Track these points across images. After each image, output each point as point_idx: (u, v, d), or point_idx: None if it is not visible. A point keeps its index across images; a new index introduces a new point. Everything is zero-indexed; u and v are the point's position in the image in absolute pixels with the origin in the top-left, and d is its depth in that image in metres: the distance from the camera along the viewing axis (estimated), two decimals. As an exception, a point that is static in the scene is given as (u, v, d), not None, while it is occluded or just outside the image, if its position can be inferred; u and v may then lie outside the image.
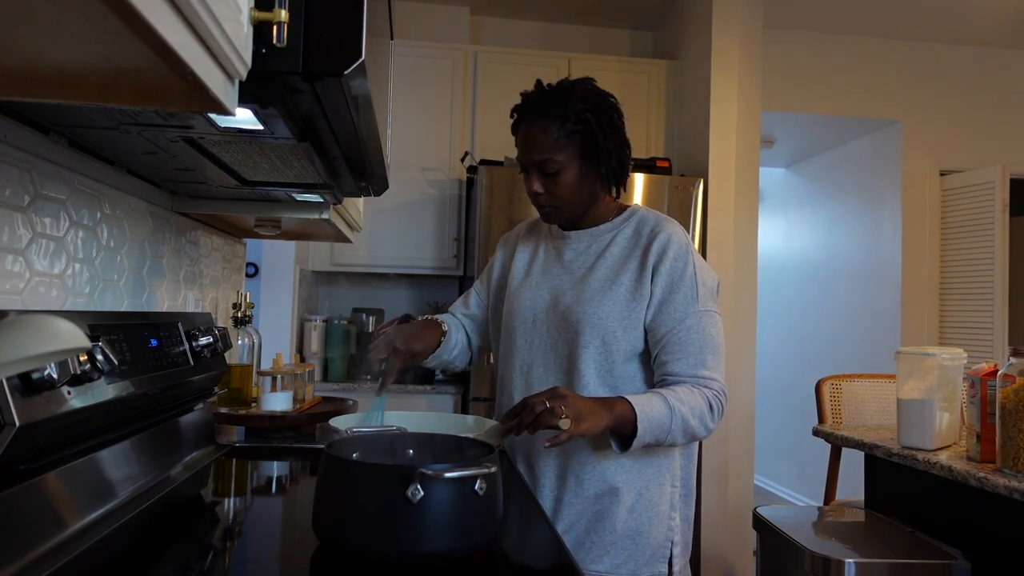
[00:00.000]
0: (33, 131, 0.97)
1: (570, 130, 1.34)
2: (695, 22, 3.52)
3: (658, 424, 1.28)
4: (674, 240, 1.39)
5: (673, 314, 1.36)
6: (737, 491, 3.26)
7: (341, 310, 3.75)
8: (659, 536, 1.40)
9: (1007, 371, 1.76)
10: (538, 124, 1.35)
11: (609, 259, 1.43)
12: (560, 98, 1.35)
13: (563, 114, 1.34)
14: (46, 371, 0.73)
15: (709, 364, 1.36)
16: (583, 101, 1.34)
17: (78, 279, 1.14)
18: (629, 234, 1.44)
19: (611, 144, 1.37)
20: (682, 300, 1.36)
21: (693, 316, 1.36)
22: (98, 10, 0.48)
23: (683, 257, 1.38)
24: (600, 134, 1.35)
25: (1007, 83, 4.35)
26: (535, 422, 1.18)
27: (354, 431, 1.32)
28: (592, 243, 1.46)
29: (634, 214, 1.47)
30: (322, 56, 0.76)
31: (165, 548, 0.96)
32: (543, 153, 1.35)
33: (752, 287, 3.33)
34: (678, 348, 1.36)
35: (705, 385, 1.35)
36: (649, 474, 1.40)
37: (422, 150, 3.50)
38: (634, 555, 1.38)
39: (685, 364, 1.35)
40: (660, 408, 1.29)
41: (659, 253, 1.38)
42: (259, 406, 1.75)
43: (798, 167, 5.47)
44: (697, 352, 1.35)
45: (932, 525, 2.08)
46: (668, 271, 1.37)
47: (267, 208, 1.54)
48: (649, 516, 1.39)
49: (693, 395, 1.32)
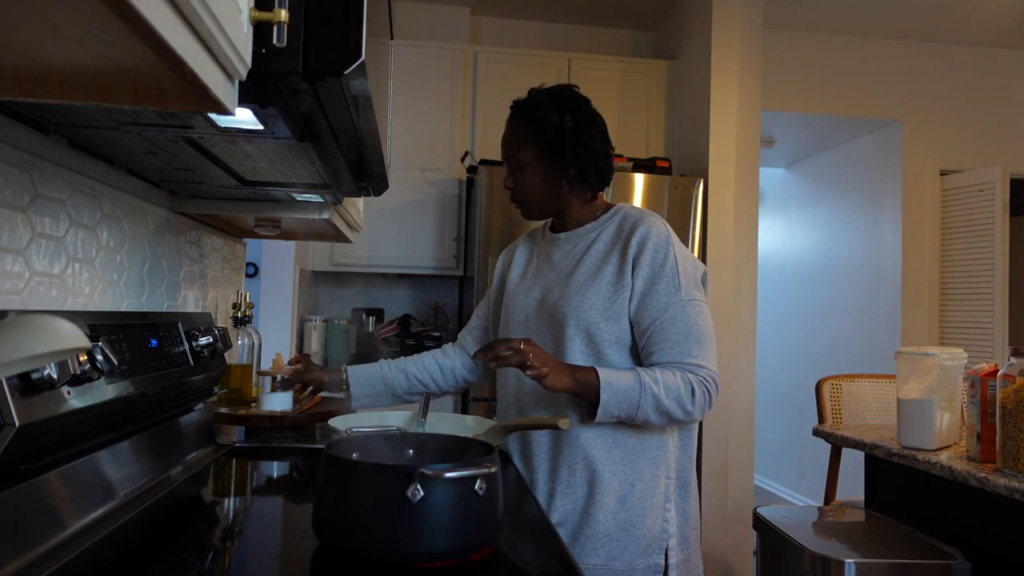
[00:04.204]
0: (33, 131, 0.97)
1: (531, 129, 1.45)
2: (695, 22, 3.52)
3: (625, 396, 1.30)
4: (653, 232, 1.41)
5: (656, 305, 1.38)
6: (737, 491, 3.26)
7: (341, 310, 3.75)
8: (654, 528, 1.40)
9: (1007, 371, 1.76)
10: (510, 124, 1.49)
11: (593, 255, 1.46)
12: (525, 103, 1.48)
13: (529, 115, 1.46)
14: (46, 371, 0.73)
15: (694, 352, 1.36)
16: (550, 103, 1.45)
17: (78, 279, 1.14)
18: (612, 230, 1.48)
19: (572, 145, 1.44)
20: (664, 291, 1.38)
21: (676, 306, 1.37)
22: (98, 10, 0.48)
23: (663, 248, 1.40)
24: (557, 134, 1.43)
25: (1007, 83, 4.35)
26: (501, 357, 1.26)
27: (354, 431, 1.32)
28: (578, 242, 1.50)
29: (618, 212, 1.51)
30: (322, 56, 0.76)
31: (165, 548, 0.96)
32: (509, 150, 1.48)
33: (752, 287, 3.33)
34: (662, 339, 1.37)
35: (690, 371, 1.35)
36: (642, 466, 1.40)
37: (422, 150, 3.51)
38: (628, 547, 1.39)
39: (670, 354, 1.36)
40: (629, 381, 1.31)
41: (639, 245, 1.40)
42: (259, 406, 1.75)
43: (798, 167, 5.47)
44: (681, 341, 1.36)
45: (932, 525, 2.08)
46: (649, 262, 1.39)
47: (267, 208, 1.54)
48: (642, 508, 1.39)
49: (672, 376, 1.33)
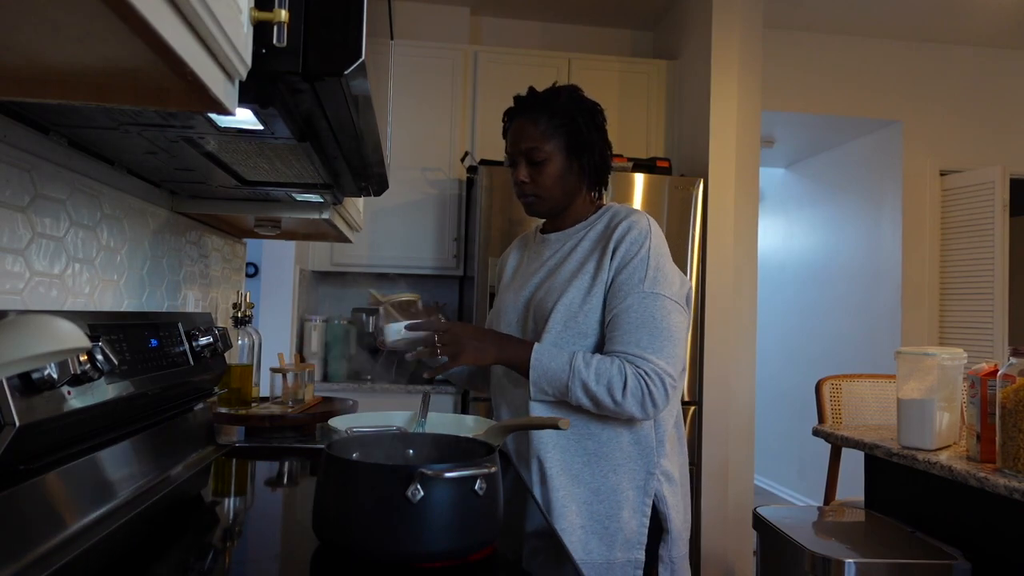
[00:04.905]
0: (33, 131, 0.97)
1: (557, 124, 1.45)
2: (695, 22, 3.51)
3: (554, 377, 1.34)
4: (635, 226, 1.42)
5: (617, 294, 1.38)
6: (737, 491, 3.26)
7: (341, 310, 3.75)
8: (631, 522, 1.40)
9: (1007, 371, 1.76)
10: (528, 116, 1.47)
11: (579, 252, 1.47)
12: (550, 96, 1.47)
13: (551, 109, 1.46)
14: (46, 371, 0.73)
15: (643, 344, 1.33)
16: (570, 100, 1.47)
17: (78, 279, 1.14)
18: (600, 228, 1.49)
19: (595, 140, 1.48)
20: (627, 280, 1.38)
21: (635, 296, 1.36)
22: (98, 10, 0.48)
23: (639, 241, 1.40)
24: (585, 129, 1.46)
25: (1007, 83, 4.35)
26: (425, 364, 1.37)
27: (354, 431, 1.32)
28: (567, 241, 1.52)
29: (607, 211, 1.52)
30: (322, 56, 0.76)
31: (165, 548, 0.96)
32: (531, 142, 1.45)
33: (752, 287, 3.33)
34: (616, 327, 1.37)
35: (631, 361, 1.33)
36: (616, 458, 1.41)
37: (422, 150, 3.51)
38: (604, 540, 1.38)
39: (620, 343, 1.35)
40: (560, 362, 1.34)
41: (619, 238, 1.41)
42: (383, 337, 1.48)
43: (798, 167, 5.47)
44: (632, 331, 1.35)
45: (932, 525, 2.08)
46: (623, 253, 1.40)
47: (267, 208, 1.54)
48: (617, 500, 1.39)
49: (607, 364, 1.33)
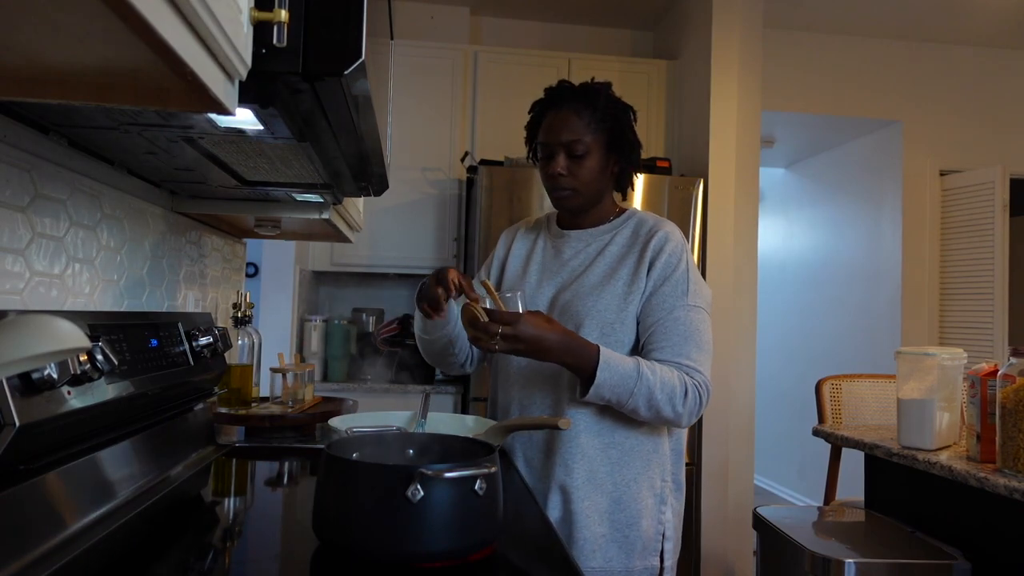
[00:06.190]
0: (33, 131, 0.97)
1: (600, 119, 1.44)
2: (695, 22, 3.51)
3: (621, 381, 1.30)
4: (671, 238, 1.45)
5: (662, 305, 1.39)
6: (737, 491, 3.26)
7: (341, 310, 3.75)
8: (649, 530, 1.41)
9: (1007, 371, 1.76)
10: (571, 108, 1.44)
11: (608, 256, 1.47)
12: (591, 91, 1.46)
13: (595, 104, 1.44)
14: (46, 371, 0.73)
15: (693, 356, 1.37)
16: (610, 99, 1.47)
17: (78, 279, 1.14)
18: (628, 234, 1.50)
19: (633, 141, 1.49)
20: (671, 292, 1.40)
21: (681, 308, 1.39)
22: (98, 10, 0.48)
23: (678, 254, 1.43)
24: (627, 129, 1.47)
25: (1007, 83, 4.35)
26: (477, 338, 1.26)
27: (354, 431, 1.32)
28: (591, 242, 1.51)
29: (633, 216, 1.53)
30: (322, 56, 0.76)
31: (165, 548, 0.96)
32: (574, 134, 1.43)
33: (752, 287, 3.33)
34: (663, 337, 1.38)
35: (687, 372, 1.36)
36: (637, 467, 1.41)
37: (422, 150, 3.50)
38: (624, 548, 1.39)
39: (670, 352, 1.37)
40: (628, 367, 1.31)
41: (657, 249, 1.43)
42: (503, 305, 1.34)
43: (798, 167, 5.47)
44: (682, 343, 1.37)
45: (932, 525, 2.08)
46: (663, 265, 1.41)
47: (267, 208, 1.54)
48: (637, 509, 1.40)
49: (669, 373, 1.34)
